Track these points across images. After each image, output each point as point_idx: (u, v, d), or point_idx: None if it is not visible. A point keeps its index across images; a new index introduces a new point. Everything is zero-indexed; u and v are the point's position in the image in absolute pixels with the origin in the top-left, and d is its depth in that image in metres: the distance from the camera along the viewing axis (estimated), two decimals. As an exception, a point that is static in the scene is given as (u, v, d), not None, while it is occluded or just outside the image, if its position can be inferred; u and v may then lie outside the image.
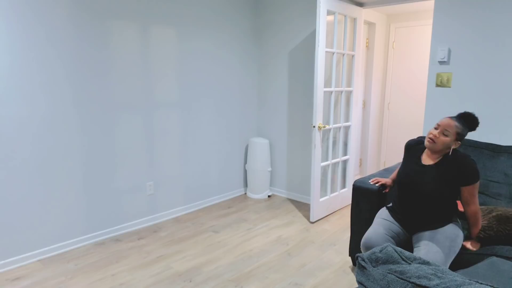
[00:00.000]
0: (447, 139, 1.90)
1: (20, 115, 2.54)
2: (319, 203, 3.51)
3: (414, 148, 2.15)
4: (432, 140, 1.92)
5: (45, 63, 2.61)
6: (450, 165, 1.92)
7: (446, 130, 1.90)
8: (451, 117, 1.94)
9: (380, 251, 0.97)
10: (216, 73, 3.78)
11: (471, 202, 1.91)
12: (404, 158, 2.19)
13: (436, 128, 1.94)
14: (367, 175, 3.19)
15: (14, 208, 2.58)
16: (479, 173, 1.89)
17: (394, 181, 2.42)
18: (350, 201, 3.97)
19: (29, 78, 2.55)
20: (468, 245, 1.99)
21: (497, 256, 1.85)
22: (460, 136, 1.92)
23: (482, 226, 1.99)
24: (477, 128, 2.76)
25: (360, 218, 2.53)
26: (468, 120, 1.94)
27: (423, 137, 2.20)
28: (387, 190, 2.42)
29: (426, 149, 2.06)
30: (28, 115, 2.58)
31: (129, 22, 3.02)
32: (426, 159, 2.03)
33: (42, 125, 2.65)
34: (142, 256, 2.79)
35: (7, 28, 2.42)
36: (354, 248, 2.60)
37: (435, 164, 1.97)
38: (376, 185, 2.42)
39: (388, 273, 0.88)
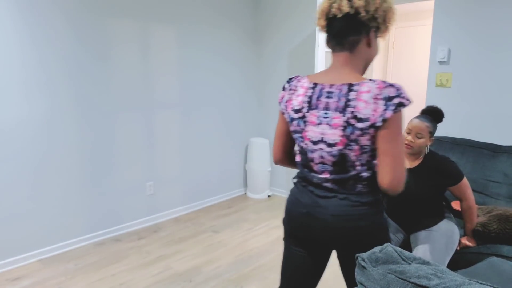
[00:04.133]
0: (422, 140, 1.95)
1: (19, 116, 2.54)
2: (319, 203, 3.51)
3: None
4: (410, 146, 1.97)
5: (44, 63, 2.61)
6: (431, 168, 1.96)
7: (419, 133, 1.94)
8: (419, 118, 1.96)
9: (380, 251, 0.97)
10: (216, 73, 3.78)
11: (464, 198, 1.96)
12: None
13: (408, 133, 1.98)
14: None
15: (14, 208, 2.58)
16: (461, 171, 1.94)
17: None
18: (350, 201, 3.96)
19: (28, 78, 2.55)
20: (464, 240, 2.00)
21: (497, 256, 1.85)
22: (432, 133, 1.97)
23: (482, 222, 2.00)
24: (473, 127, 2.76)
25: (360, 218, 2.52)
26: (434, 115, 1.99)
27: None
28: None
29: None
30: (28, 115, 2.58)
31: (130, 22, 3.02)
32: (406, 162, 2.05)
33: (41, 125, 2.65)
34: (142, 256, 2.79)
35: (5, 28, 2.42)
36: (354, 248, 2.59)
37: (416, 167, 2.00)
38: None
39: (388, 273, 0.88)
